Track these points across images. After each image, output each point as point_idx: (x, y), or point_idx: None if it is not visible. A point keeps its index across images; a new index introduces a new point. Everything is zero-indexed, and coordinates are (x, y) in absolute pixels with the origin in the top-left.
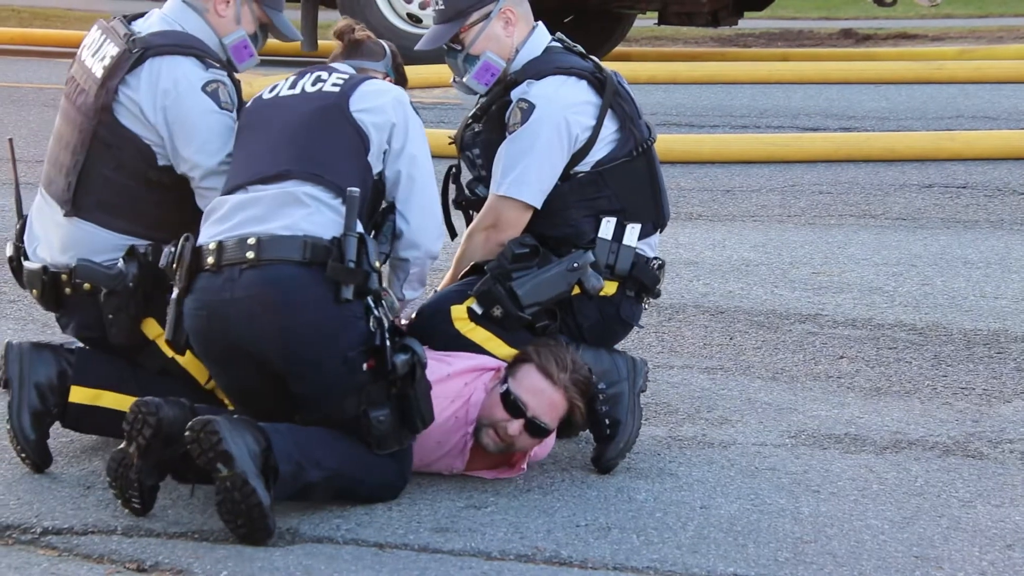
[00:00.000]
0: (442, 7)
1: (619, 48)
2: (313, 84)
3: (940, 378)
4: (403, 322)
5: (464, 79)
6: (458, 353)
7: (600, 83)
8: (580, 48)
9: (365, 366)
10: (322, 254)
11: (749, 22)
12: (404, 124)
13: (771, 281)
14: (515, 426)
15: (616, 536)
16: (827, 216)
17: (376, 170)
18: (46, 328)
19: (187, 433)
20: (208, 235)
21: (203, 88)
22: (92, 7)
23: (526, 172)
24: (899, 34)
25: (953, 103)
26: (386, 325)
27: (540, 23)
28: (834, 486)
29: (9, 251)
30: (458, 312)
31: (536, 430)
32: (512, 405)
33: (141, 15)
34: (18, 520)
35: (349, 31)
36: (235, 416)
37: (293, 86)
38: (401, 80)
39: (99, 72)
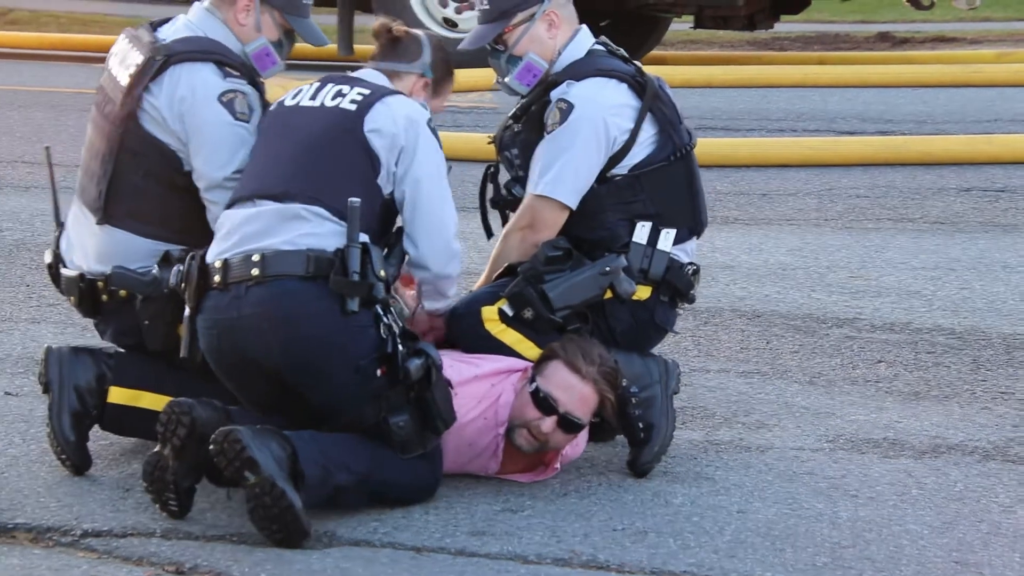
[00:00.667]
0: (487, 7)
1: (655, 52)
2: (333, 98)
3: (979, 383)
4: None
5: (506, 80)
6: (486, 356)
7: (641, 87)
8: (623, 52)
9: (379, 372)
10: (326, 267)
11: (785, 25)
12: (412, 147)
13: (808, 285)
14: (548, 423)
15: (653, 540)
16: (864, 220)
17: (387, 191)
18: (86, 331)
19: (211, 446)
20: (214, 252)
21: (219, 98)
22: (132, 13)
23: (563, 172)
24: (937, 37)
25: (991, 106)
26: (397, 331)
27: (584, 26)
28: (872, 491)
29: (48, 258)
30: (489, 313)
31: (569, 426)
32: (543, 403)
33: (167, 20)
34: (58, 522)
35: (385, 31)
36: (257, 426)
37: (314, 96)
38: (442, 76)
39: (125, 80)
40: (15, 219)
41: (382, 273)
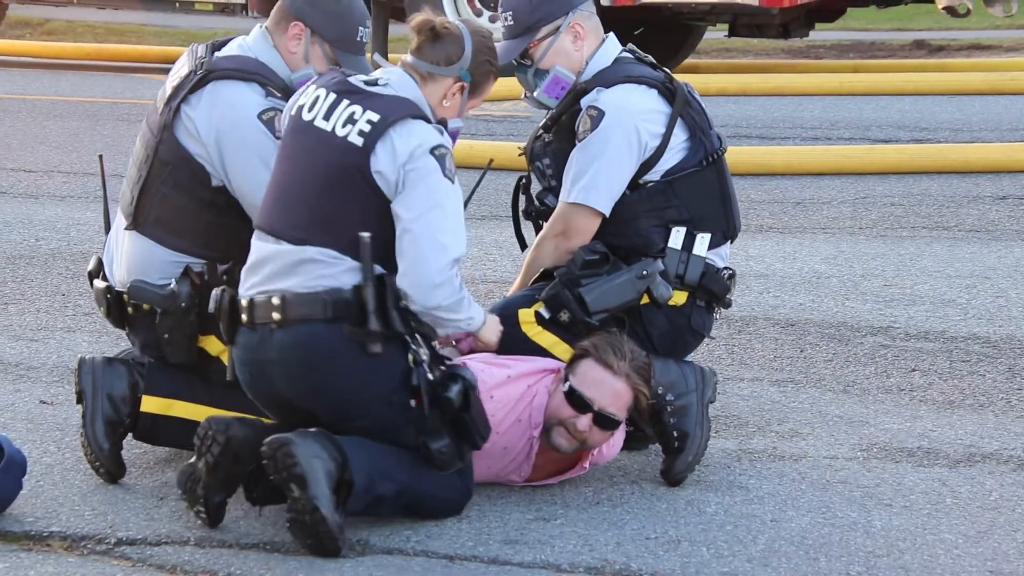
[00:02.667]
0: (511, 23)
1: (689, 60)
2: (344, 124)
3: (1015, 391)
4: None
5: (534, 94)
6: (517, 356)
7: (670, 92)
8: (651, 59)
9: (412, 403)
10: (343, 309)
11: (820, 34)
12: (407, 181)
13: (842, 293)
14: (584, 421)
15: (686, 549)
16: (899, 228)
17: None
18: (120, 341)
19: (263, 448)
20: (244, 287)
21: (259, 115)
22: (168, 23)
23: (596, 179)
24: (973, 45)
25: None
26: (425, 359)
27: (611, 34)
28: (906, 500)
29: (92, 264)
30: (525, 316)
31: (605, 422)
32: (578, 401)
33: (228, 41)
34: (93, 531)
35: (427, 27)
36: (313, 430)
37: (328, 115)
38: (482, 78)
39: (168, 91)
40: (51, 228)
41: (402, 303)
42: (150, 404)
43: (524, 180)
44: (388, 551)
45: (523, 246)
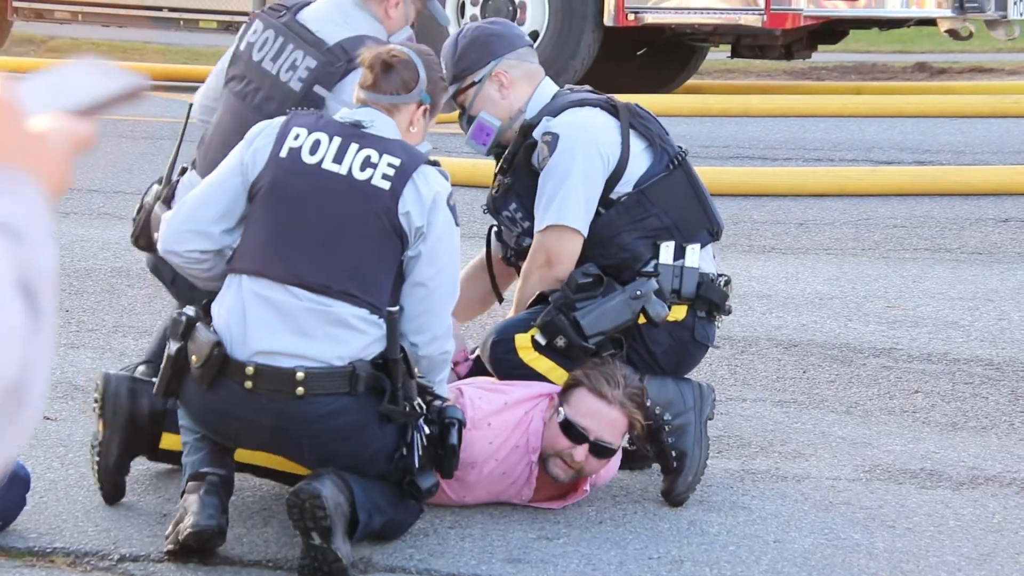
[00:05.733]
0: (445, 70)
1: (691, 81)
2: (362, 168)
3: (1018, 413)
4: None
5: (466, 139)
6: (512, 381)
7: (613, 108)
8: (588, 87)
9: (405, 451)
10: (368, 382)
11: (822, 55)
12: (429, 234)
13: (845, 315)
14: (580, 452)
15: (689, 569)
16: (902, 250)
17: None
18: (123, 357)
19: (290, 497)
20: (242, 345)
21: None
22: (172, 41)
23: (566, 199)
24: (974, 68)
25: None
26: (421, 411)
27: (547, 78)
28: (910, 521)
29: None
30: (522, 341)
31: (602, 451)
32: (573, 432)
33: (306, 4)
34: (96, 547)
35: (377, 60)
36: (329, 474)
37: (339, 159)
38: (439, 96)
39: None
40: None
41: (416, 370)
42: (170, 442)
43: (497, 229)
44: (391, 569)
45: (500, 300)
